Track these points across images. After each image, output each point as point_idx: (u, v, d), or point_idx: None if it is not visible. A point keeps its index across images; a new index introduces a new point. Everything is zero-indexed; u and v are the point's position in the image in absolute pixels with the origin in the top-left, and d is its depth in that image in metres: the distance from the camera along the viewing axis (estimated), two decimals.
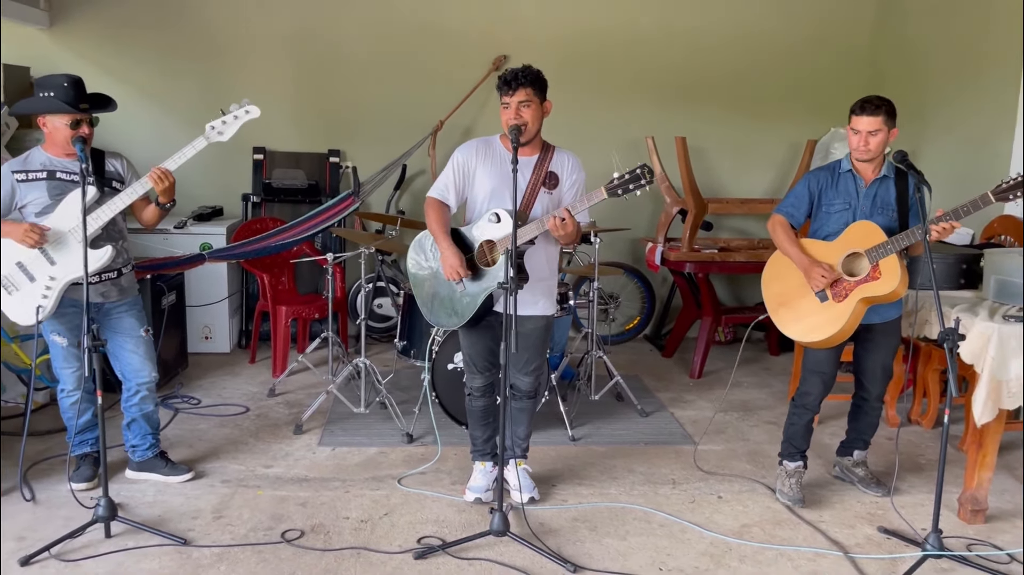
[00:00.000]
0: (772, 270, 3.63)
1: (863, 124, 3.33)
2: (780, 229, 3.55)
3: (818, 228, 3.54)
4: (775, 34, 6.25)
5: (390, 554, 3.13)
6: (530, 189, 3.31)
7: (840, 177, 3.49)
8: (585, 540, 3.28)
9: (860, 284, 3.35)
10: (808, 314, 3.45)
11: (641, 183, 3.06)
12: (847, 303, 3.35)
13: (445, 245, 3.29)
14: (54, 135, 3.35)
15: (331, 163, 6.09)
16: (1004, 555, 3.19)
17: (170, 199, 3.47)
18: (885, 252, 3.28)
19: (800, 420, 3.65)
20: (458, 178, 3.34)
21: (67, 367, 3.52)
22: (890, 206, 3.42)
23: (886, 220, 3.40)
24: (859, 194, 3.44)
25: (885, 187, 3.44)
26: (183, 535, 3.20)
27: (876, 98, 3.34)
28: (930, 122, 5.59)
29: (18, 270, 3.35)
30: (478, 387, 3.55)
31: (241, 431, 4.37)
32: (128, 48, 5.95)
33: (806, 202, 3.54)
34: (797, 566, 3.12)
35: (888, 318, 3.52)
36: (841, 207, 3.46)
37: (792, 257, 3.49)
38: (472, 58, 6.06)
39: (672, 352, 6.03)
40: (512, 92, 3.18)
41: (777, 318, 3.55)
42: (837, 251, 3.41)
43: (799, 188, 3.57)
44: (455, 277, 3.27)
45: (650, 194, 6.11)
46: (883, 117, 3.31)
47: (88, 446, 3.69)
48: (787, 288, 3.53)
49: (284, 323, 5.28)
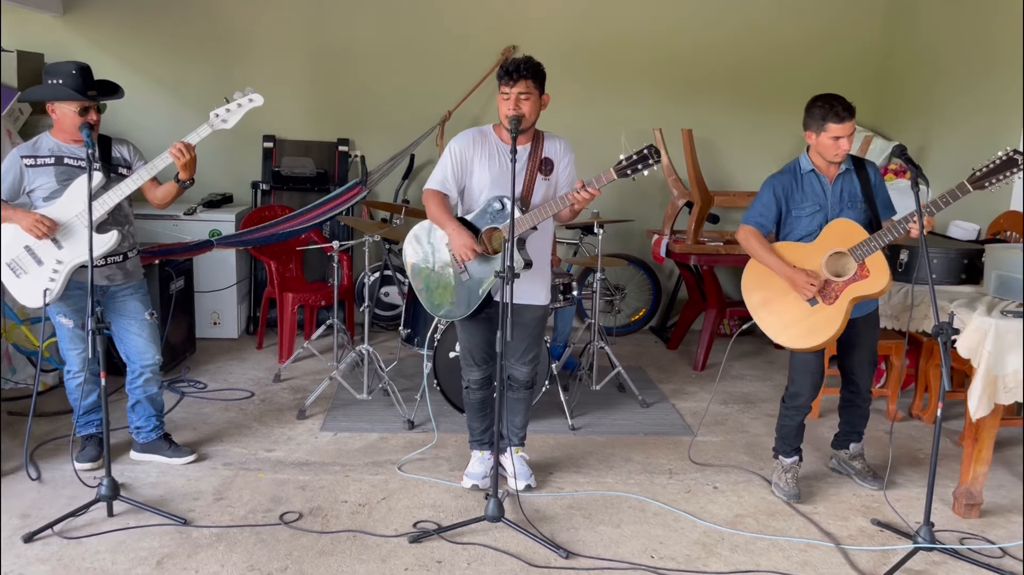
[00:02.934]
0: (751, 278, 3.53)
1: (846, 130, 3.27)
2: (753, 239, 3.45)
3: (789, 232, 3.47)
4: (785, 28, 6.23)
5: (386, 537, 3.18)
6: (528, 177, 3.34)
7: (803, 178, 3.43)
8: (579, 527, 3.31)
9: (849, 284, 3.30)
10: (798, 319, 3.39)
11: (649, 163, 3.08)
12: (839, 304, 3.31)
13: (452, 227, 3.31)
14: (62, 121, 3.40)
15: (340, 152, 6.13)
16: (996, 549, 3.20)
17: (190, 176, 3.47)
18: (870, 249, 3.24)
19: (792, 421, 3.63)
20: (456, 168, 3.36)
21: (73, 349, 3.59)
22: (858, 198, 3.40)
23: (857, 214, 3.38)
24: (826, 192, 3.40)
25: (849, 180, 3.42)
26: (183, 515, 3.26)
27: (843, 100, 3.28)
28: (938, 117, 5.57)
29: (26, 253, 3.41)
30: (476, 380, 3.58)
31: (245, 415, 4.43)
32: (141, 36, 6.01)
33: (774, 209, 3.45)
34: (788, 556, 3.14)
35: (868, 311, 3.53)
36: (812, 209, 3.41)
37: (772, 267, 3.40)
38: (481, 49, 6.08)
39: (677, 344, 6.05)
40: (513, 83, 3.20)
41: (765, 326, 3.47)
42: (818, 252, 3.35)
43: (765, 196, 3.46)
44: (468, 255, 3.27)
45: (657, 186, 6.22)
46: (853, 119, 3.29)
47: (93, 427, 3.76)
48: (771, 295, 3.45)
49: (291, 310, 5.33)
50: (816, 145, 3.37)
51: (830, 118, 3.27)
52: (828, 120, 3.28)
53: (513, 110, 3.19)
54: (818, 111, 3.31)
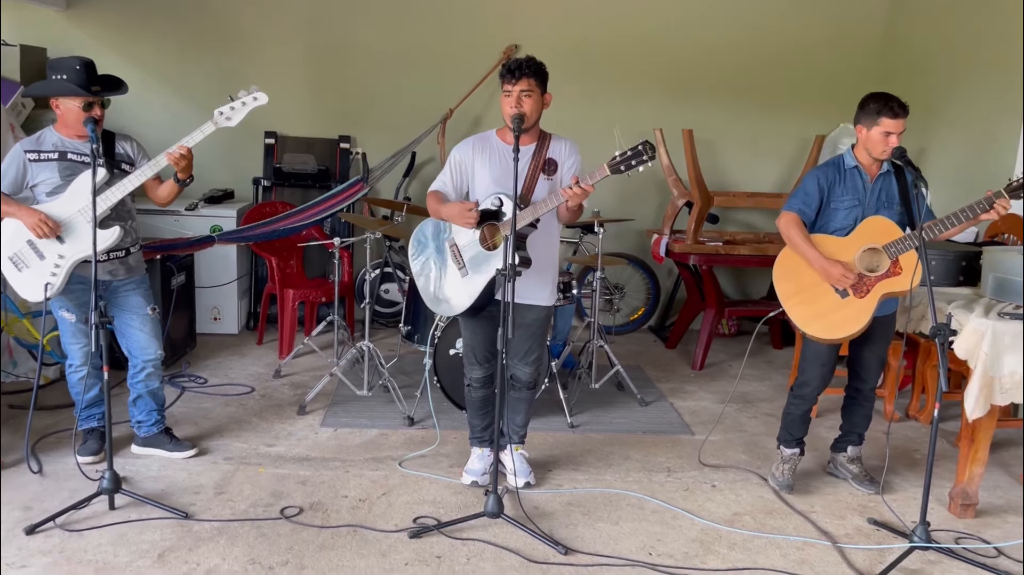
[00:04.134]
0: (784, 268, 3.57)
1: (899, 126, 3.32)
2: (795, 228, 3.47)
3: (824, 224, 3.53)
4: (786, 29, 6.25)
5: (386, 532, 3.20)
6: (530, 176, 3.37)
7: (847, 173, 3.49)
8: (578, 524, 3.33)
9: (881, 279, 3.37)
10: (829, 311, 3.43)
11: (643, 159, 3.09)
12: (869, 298, 3.37)
13: (449, 204, 3.37)
14: (66, 116, 3.42)
15: (341, 149, 6.15)
16: (991, 548, 3.22)
17: (189, 175, 3.52)
18: (905, 247, 3.30)
19: (797, 410, 3.68)
20: (455, 176, 3.44)
21: (75, 343, 3.61)
22: (895, 200, 3.46)
23: (892, 215, 3.43)
24: (866, 190, 3.46)
25: (888, 182, 3.48)
26: (184, 509, 3.28)
27: (898, 99, 3.33)
28: (938, 119, 5.59)
29: (28, 248, 3.43)
30: (478, 378, 3.60)
31: (246, 411, 4.45)
32: (144, 31, 6.02)
33: (817, 199, 3.49)
34: (785, 554, 3.16)
35: (888, 311, 3.56)
36: (850, 203, 3.47)
37: (809, 257, 3.43)
38: (483, 47, 6.10)
39: (676, 343, 6.07)
40: (515, 81, 3.24)
41: (795, 316, 3.50)
42: (852, 246, 3.41)
43: (809, 185, 3.51)
44: (470, 218, 3.29)
45: (657, 186, 6.24)
46: (906, 117, 3.34)
47: (95, 421, 3.77)
48: (803, 286, 3.50)
49: (291, 306, 5.35)
50: (865, 140, 3.41)
51: (885, 113, 3.32)
52: (883, 115, 3.33)
53: (515, 107, 3.23)
54: (873, 106, 3.36)
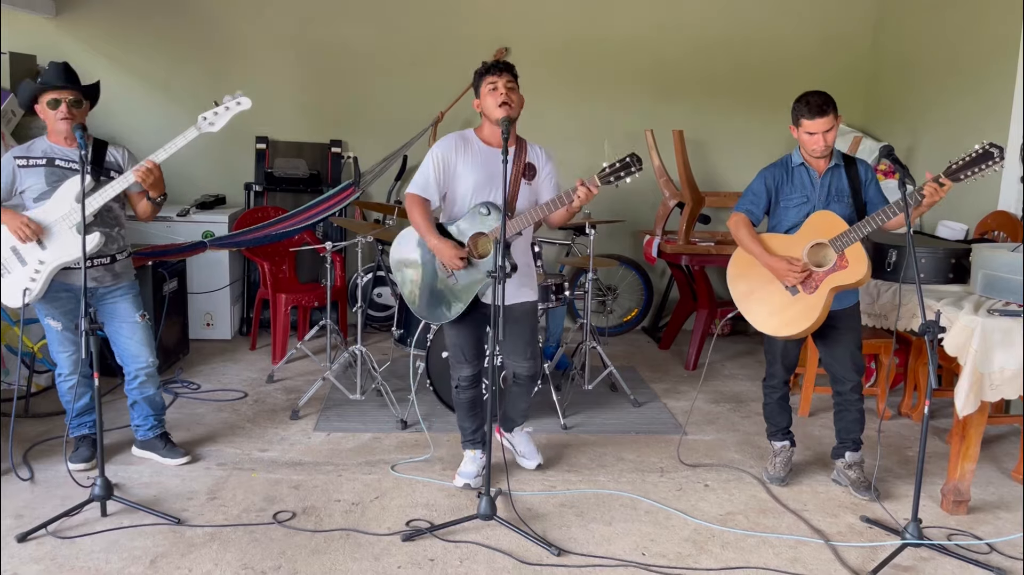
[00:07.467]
0: (737, 268, 3.64)
1: (818, 126, 3.36)
2: (743, 227, 3.54)
3: (777, 223, 3.57)
4: (776, 30, 6.28)
5: (379, 536, 3.19)
6: (512, 181, 3.39)
7: (794, 171, 3.52)
8: (571, 525, 3.34)
9: (829, 274, 3.39)
10: (781, 308, 3.48)
11: (631, 171, 3.17)
12: (819, 294, 3.39)
13: (435, 240, 3.37)
14: (47, 120, 3.44)
15: (333, 153, 6.15)
16: (983, 545, 3.23)
17: (160, 193, 3.51)
18: (849, 240, 3.32)
19: (770, 399, 3.76)
20: (439, 173, 3.41)
21: (63, 351, 3.59)
22: (845, 193, 3.48)
23: (843, 208, 3.45)
24: (815, 185, 3.48)
25: (838, 176, 3.49)
26: (177, 515, 3.27)
27: (819, 96, 3.35)
28: (925, 119, 5.61)
29: (12, 254, 3.42)
30: (466, 377, 3.61)
31: (239, 416, 4.44)
32: (133, 37, 6.02)
33: (764, 199, 3.55)
34: (778, 552, 3.17)
35: (848, 304, 3.57)
36: (799, 200, 3.50)
37: (757, 255, 3.50)
38: (473, 50, 6.06)
39: (669, 344, 6.08)
40: (500, 72, 3.32)
41: (749, 314, 3.57)
42: (800, 243, 3.44)
43: (756, 185, 3.57)
44: (458, 265, 3.34)
45: (648, 187, 6.24)
46: (832, 114, 3.36)
47: (86, 428, 3.77)
48: (754, 285, 3.56)
49: (284, 311, 5.34)
50: (798, 140, 3.48)
51: (803, 114, 3.39)
52: (802, 116, 3.40)
53: (504, 97, 3.28)
54: (795, 108, 3.43)
